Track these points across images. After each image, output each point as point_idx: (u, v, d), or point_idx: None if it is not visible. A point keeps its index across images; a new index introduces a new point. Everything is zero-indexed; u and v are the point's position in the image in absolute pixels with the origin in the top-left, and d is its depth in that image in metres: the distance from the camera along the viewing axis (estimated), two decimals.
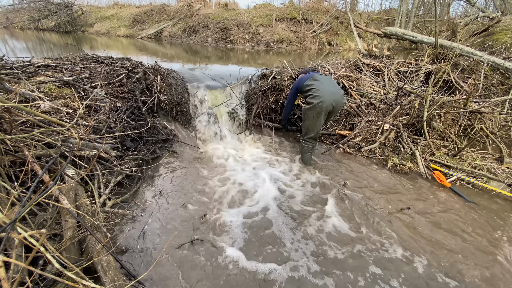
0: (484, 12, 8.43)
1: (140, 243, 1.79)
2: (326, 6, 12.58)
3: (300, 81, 2.93)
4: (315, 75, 2.87)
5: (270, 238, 1.91)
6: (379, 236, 1.97)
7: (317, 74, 2.93)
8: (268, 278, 1.61)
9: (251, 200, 2.33)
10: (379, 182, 2.65)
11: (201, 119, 3.56)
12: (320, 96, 2.67)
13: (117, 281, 1.37)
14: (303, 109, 2.87)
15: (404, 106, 3.54)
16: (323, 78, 2.84)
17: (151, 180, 2.51)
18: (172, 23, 12.36)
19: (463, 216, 2.20)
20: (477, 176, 2.72)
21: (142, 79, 3.33)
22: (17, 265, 1.13)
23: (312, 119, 2.80)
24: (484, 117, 3.40)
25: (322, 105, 2.66)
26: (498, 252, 1.86)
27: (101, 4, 16.70)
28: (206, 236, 1.89)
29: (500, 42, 5.50)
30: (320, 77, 2.85)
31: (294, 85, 3.03)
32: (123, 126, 2.69)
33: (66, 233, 1.48)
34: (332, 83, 2.87)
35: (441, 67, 4.44)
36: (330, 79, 2.91)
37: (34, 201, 1.25)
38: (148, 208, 2.13)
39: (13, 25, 13.53)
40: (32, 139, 1.82)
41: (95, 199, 1.89)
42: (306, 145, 2.94)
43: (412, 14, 9.23)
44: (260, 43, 10.78)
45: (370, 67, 4.93)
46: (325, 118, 2.82)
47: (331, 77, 2.94)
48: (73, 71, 3.10)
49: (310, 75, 2.91)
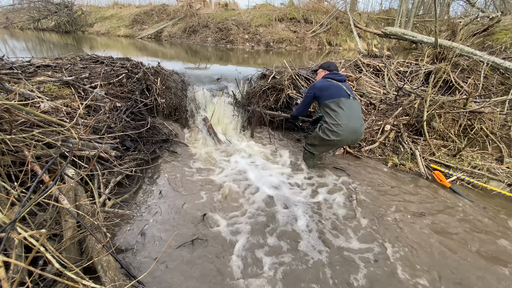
0: (484, 12, 8.43)
1: (140, 243, 1.79)
2: (326, 6, 12.58)
3: (322, 90, 2.52)
4: (342, 102, 2.42)
5: (270, 237, 1.91)
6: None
7: (345, 99, 2.44)
8: (269, 275, 1.61)
9: (252, 200, 2.33)
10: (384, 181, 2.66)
11: (201, 120, 3.56)
12: (340, 134, 2.40)
13: (117, 281, 1.37)
14: (318, 133, 2.57)
15: (404, 106, 3.54)
16: (350, 108, 2.44)
17: (151, 180, 2.51)
18: (172, 23, 12.35)
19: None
20: (477, 176, 2.72)
21: (142, 79, 3.33)
22: (17, 265, 1.13)
23: (322, 146, 2.65)
24: (484, 117, 3.40)
25: (338, 143, 2.49)
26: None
27: (101, 4, 16.71)
28: (206, 236, 1.89)
29: (500, 42, 5.50)
30: (347, 105, 2.43)
31: (313, 90, 2.59)
32: (123, 126, 2.69)
33: (66, 233, 1.48)
34: (357, 114, 2.48)
35: (441, 67, 4.44)
36: (357, 108, 2.50)
37: (34, 201, 1.25)
38: (148, 208, 2.13)
39: (13, 25, 13.53)
40: (32, 139, 1.81)
41: (95, 199, 1.89)
42: (307, 152, 2.83)
43: (412, 14, 9.24)
44: (260, 43, 10.78)
45: (370, 67, 4.93)
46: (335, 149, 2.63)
47: (357, 103, 2.54)
48: (73, 71, 3.10)
49: (336, 93, 2.45)
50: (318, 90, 2.55)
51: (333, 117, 2.43)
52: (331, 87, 2.50)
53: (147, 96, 3.28)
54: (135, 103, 3.08)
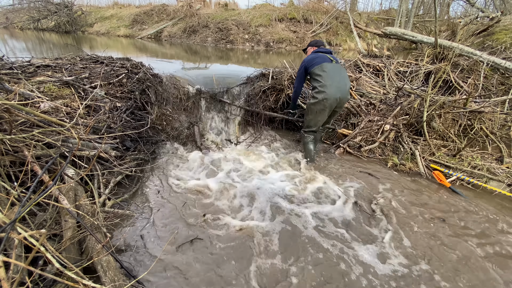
0: (484, 12, 8.43)
1: (139, 243, 1.79)
2: (326, 6, 12.59)
3: (310, 62, 2.78)
4: (325, 65, 2.69)
5: (269, 238, 1.91)
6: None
7: (327, 63, 2.72)
8: (269, 274, 1.61)
9: (252, 200, 2.33)
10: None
11: (200, 121, 3.56)
12: (325, 93, 2.63)
13: (117, 281, 1.37)
14: (307, 103, 2.85)
15: (404, 106, 3.54)
16: (332, 70, 2.70)
17: (151, 180, 2.51)
18: (172, 23, 12.36)
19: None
20: (477, 176, 2.72)
21: (142, 79, 3.33)
22: (17, 265, 1.13)
23: (315, 114, 2.82)
24: (484, 117, 3.40)
25: (326, 102, 2.67)
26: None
27: (101, 4, 16.72)
28: (206, 236, 1.89)
29: (499, 42, 5.50)
30: (329, 67, 2.70)
31: (303, 64, 2.86)
32: (123, 126, 2.69)
33: (66, 233, 1.48)
34: (340, 75, 2.72)
35: (441, 67, 4.44)
36: (339, 70, 2.74)
37: (34, 201, 1.25)
38: (148, 208, 2.13)
39: (12, 25, 13.54)
40: (32, 139, 1.81)
41: (95, 199, 1.88)
42: (307, 135, 2.99)
43: (412, 14, 9.24)
44: (260, 43, 10.78)
45: (370, 67, 4.94)
46: (329, 114, 2.83)
47: (340, 66, 2.80)
48: (73, 71, 3.10)
49: (320, 60, 2.73)
50: (307, 62, 2.81)
51: (318, 80, 2.69)
52: (317, 58, 2.78)
53: (148, 96, 3.28)
54: (135, 102, 3.08)
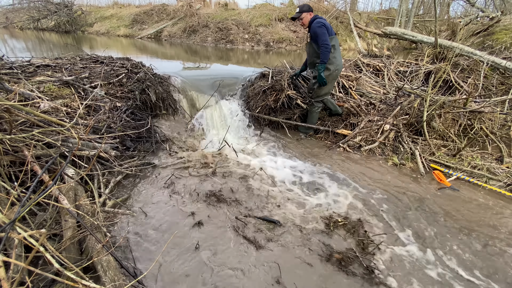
0: (484, 12, 8.43)
1: (140, 243, 1.79)
2: (326, 6, 12.57)
3: (329, 28, 2.97)
4: (335, 38, 3.04)
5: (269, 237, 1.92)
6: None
7: (334, 36, 3.04)
8: (270, 274, 1.61)
9: (252, 200, 2.33)
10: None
11: (201, 121, 3.56)
12: (337, 64, 3.10)
13: (117, 280, 1.37)
14: (319, 76, 3.09)
15: (404, 106, 3.54)
16: (337, 45, 3.12)
17: (151, 180, 2.51)
18: (171, 23, 12.35)
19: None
20: (476, 176, 2.72)
21: (142, 79, 3.33)
22: (17, 265, 1.13)
23: (327, 86, 3.27)
24: (484, 117, 3.40)
25: (336, 74, 3.19)
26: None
27: (100, 4, 16.68)
28: (206, 236, 1.89)
29: (500, 42, 5.50)
30: (337, 42, 3.10)
31: (321, 24, 2.92)
32: (123, 126, 2.69)
33: (66, 233, 1.48)
34: (340, 51, 3.19)
35: (441, 67, 4.44)
36: (339, 46, 3.19)
37: (33, 201, 1.25)
38: (148, 208, 2.13)
39: (12, 25, 13.52)
40: (31, 139, 1.82)
41: (95, 199, 1.89)
42: (317, 105, 3.46)
43: (412, 14, 9.23)
44: (260, 43, 10.78)
45: (370, 67, 4.93)
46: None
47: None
48: (73, 71, 3.10)
49: (332, 32, 3.00)
50: (328, 27, 2.96)
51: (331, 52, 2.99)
52: (329, 27, 3.00)
53: (148, 95, 3.28)
54: (135, 102, 3.08)
